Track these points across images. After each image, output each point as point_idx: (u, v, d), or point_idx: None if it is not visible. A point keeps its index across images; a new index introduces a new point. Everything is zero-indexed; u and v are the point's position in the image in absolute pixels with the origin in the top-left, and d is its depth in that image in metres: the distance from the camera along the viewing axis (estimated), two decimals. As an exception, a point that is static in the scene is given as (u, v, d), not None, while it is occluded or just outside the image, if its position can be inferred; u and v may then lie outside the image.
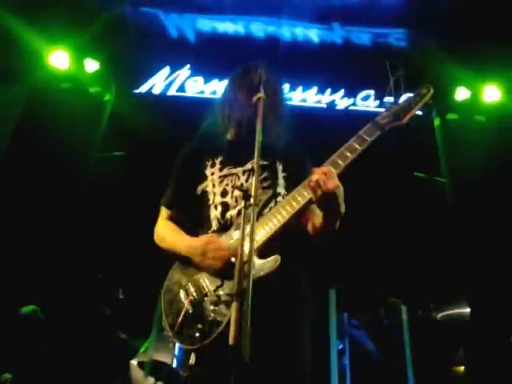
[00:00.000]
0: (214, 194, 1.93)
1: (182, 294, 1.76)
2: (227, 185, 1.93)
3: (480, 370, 4.47)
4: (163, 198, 2.11)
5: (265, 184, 1.90)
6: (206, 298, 1.69)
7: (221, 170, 1.98)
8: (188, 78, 6.02)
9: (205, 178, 1.99)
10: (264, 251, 1.66)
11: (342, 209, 1.64)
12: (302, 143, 2.13)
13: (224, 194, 1.91)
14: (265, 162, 1.94)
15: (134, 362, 4.66)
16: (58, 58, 5.53)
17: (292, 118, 2.16)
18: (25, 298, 4.31)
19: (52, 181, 5.06)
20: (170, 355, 4.24)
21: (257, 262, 1.61)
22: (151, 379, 4.05)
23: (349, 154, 1.72)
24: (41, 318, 4.22)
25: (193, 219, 2.01)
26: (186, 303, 1.71)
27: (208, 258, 1.71)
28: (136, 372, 4.56)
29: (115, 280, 5.10)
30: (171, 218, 2.06)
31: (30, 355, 3.99)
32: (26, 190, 4.94)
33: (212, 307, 1.66)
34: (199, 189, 1.98)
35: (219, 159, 2.01)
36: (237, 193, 1.87)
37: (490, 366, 4.39)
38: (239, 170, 1.94)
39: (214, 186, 1.95)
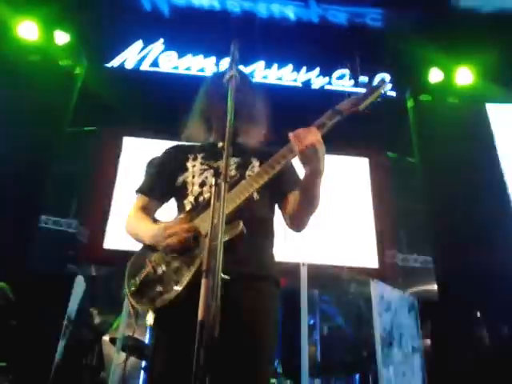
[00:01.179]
0: (193, 184, 1.95)
1: (146, 263, 1.79)
2: (206, 177, 1.95)
3: (446, 344, 4.62)
4: (140, 186, 2.10)
5: (239, 175, 1.92)
6: (168, 265, 1.73)
7: (202, 163, 2.00)
8: (161, 52, 5.92)
9: (186, 169, 2.00)
10: (230, 218, 1.67)
11: (323, 167, 1.70)
12: (276, 123, 2.14)
13: (202, 184, 1.93)
14: (240, 160, 1.98)
15: (106, 338, 4.68)
16: (27, 29, 5.35)
17: (269, 117, 2.16)
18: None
19: (22, 156, 4.94)
20: (142, 331, 4.27)
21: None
22: (123, 354, 4.07)
23: None
24: (9, 294, 4.17)
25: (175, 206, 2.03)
26: (148, 267, 1.76)
27: (169, 243, 1.73)
28: (108, 348, 4.58)
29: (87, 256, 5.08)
30: (145, 208, 2.05)
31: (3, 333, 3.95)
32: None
33: (174, 271, 1.71)
34: (180, 180, 1.99)
35: (201, 155, 2.04)
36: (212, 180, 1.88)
37: (457, 341, 4.54)
38: (220, 163, 1.94)
39: (193, 177, 1.97)
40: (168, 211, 2.06)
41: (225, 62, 5.77)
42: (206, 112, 2.10)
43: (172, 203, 2.07)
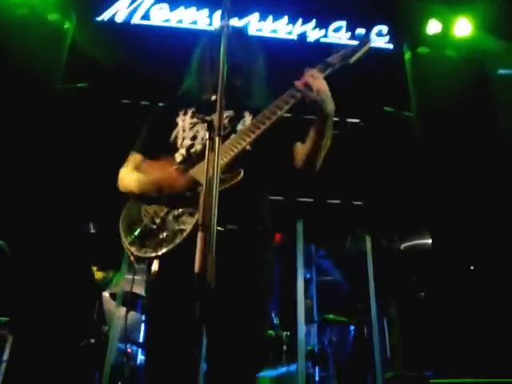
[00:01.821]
0: (184, 138, 1.94)
1: (142, 214, 1.79)
2: (197, 131, 1.93)
3: (441, 296, 4.72)
4: (134, 146, 2.09)
5: (230, 128, 1.91)
6: (167, 215, 1.73)
7: (192, 117, 1.99)
8: (153, 4, 5.72)
9: (176, 125, 1.99)
10: (228, 168, 1.69)
11: (333, 107, 1.75)
12: (271, 77, 2.11)
13: (194, 138, 1.92)
14: (232, 113, 1.96)
15: (106, 294, 4.77)
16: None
17: (266, 73, 2.14)
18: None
19: (12, 115, 4.86)
20: (141, 286, 4.33)
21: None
22: (123, 309, 4.15)
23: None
24: (7, 252, 4.20)
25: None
26: (146, 220, 1.76)
27: (165, 191, 1.74)
28: (108, 303, 4.67)
29: (85, 213, 5.08)
30: (138, 167, 2.02)
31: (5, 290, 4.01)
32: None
33: (174, 219, 1.71)
34: (172, 136, 1.98)
35: (192, 109, 2.02)
36: (205, 133, 1.87)
37: (452, 293, 4.64)
38: (211, 117, 1.91)
39: (184, 131, 1.96)
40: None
41: (218, 15, 5.60)
42: (200, 67, 2.08)
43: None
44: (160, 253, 1.67)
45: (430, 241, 5.28)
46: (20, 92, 4.94)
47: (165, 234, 1.69)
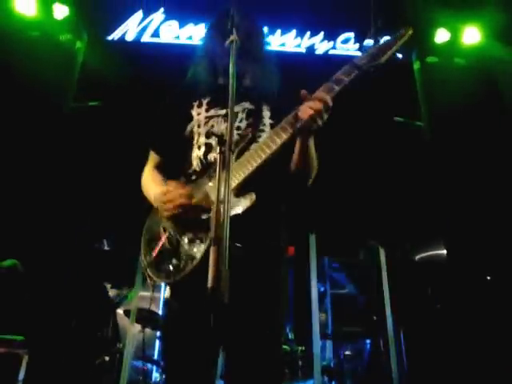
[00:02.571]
0: (199, 134, 1.90)
1: (160, 231, 1.78)
2: (213, 126, 1.89)
3: (457, 308, 4.64)
4: (150, 142, 2.08)
5: (248, 130, 1.86)
6: (182, 236, 1.71)
7: (207, 110, 1.94)
8: (162, 22, 5.80)
9: (191, 118, 1.95)
10: (241, 190, 1.66)
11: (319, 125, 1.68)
12: (286, 88, 2.08)
13: (208, 135, 1.88)
14: (251, 107, 1.91)
15: (120, 311, 4.76)
16: (25, 4, 5.25)
17: (275, 59, 2.12)
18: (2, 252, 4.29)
19: (25, 134, 4.92)
20: (156, 303, 4.33)
21: (232, 199, 1.57)
22: (137, 326, 4.14)
23: (327, 96, 1.68)
24: (21, 270, 4.22)
25: (178, 160, 1.99)
26: (163, 239, 1.74)
27: (166, 208, 1.72)
28: (123, 320, 4.66)
29: (99, 231, 5.10)
30: (158, 165, 2.05)
31: (13, 308, 4.01)
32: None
33: (188, 243, 1.68)
34: (188, 129, 1.95)
35: (206, 100, 1.97)
36: (220, 128, 1.86)
37: (468, 305, 4.56)
38: (227, 111, 1.90)
39: (199, 126, 1.92)
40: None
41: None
42: (209, 52, 2.04)
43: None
44: (172, 281, 1.67)
45: (444, 251, 5.22)
46: (32, 111, 5.02)
47: (178, 260, 1.67)
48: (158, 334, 4.68)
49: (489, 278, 4.74)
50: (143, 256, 1.79)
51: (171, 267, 1.68)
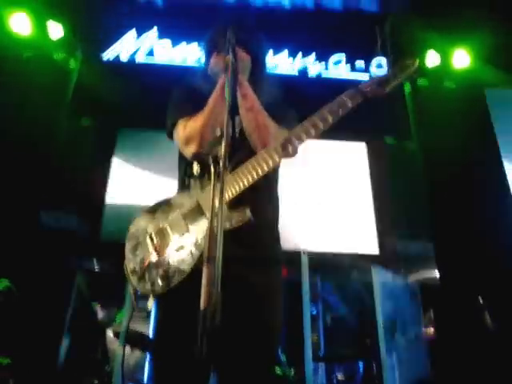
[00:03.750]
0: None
1: (147, 240, 1.75)
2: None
3: (450, 331, 4.61)
4: (175, 115, 1.96)
5: (243, 146, 1.85)
6: (170, 246, 1.69)
7: None
8: (156, 42, 5.86)
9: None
10: (234, 203, 1.65)
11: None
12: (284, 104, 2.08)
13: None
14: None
15: (109, 332, 4.69)
16: (19, 23, 5.27)
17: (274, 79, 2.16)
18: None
19: (18, 152, 4.90)
20: (145, 324, 4.27)
21: (225, 212, 1.57)
22: (127, 348, 4.08)
23: (329, 117, 1.72)
24: (15, 292, 4.16)
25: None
26: (150, 249, 1.72)
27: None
28: (112, 341, 4.59)
29: (88, 251, 5.05)
30: None
31: (7, 331, 3.95)
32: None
33: (176, 255, 1.66)
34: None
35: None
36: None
37: (461, 327, 4.54)
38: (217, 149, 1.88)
39: None
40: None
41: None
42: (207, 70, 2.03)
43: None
44: (156, 292, 1.64)
45: (437, 272, 5.21)
46: (26, 130, 5.00)
47: (165, 272, 1.65)
48: (148, 356, 4.60)
49: (481, 299, 4.73)
50: (127, 262, 1.76)
51: (157, 280, 1.65)
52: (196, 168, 1.84)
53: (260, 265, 1.76)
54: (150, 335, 4.34)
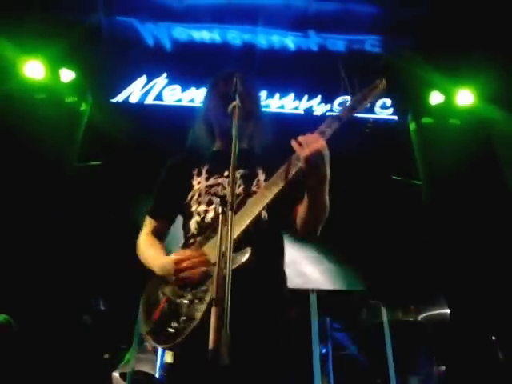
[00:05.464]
0: (199, 203, 1.93)
1: (159, 295, 1.78)
2: (213, 195, 1.92)
3: (462, 369, 4.52)
4: (148, 209, 2.12)
5: (244, 191, 1.90)
6: (181, 298, 1.70)
7: (207, 179, 1.98)
8: (165, 86, 6.00)
9: (191, 187, 1.99)
10: (239, 245, 1.65)
11: (328, 171, 1.67)
12: (280, 149, 2.14)
13: (209, 203, 1.91)
14: (246, 171, 1.95)
15: (115, 374, 4.62)
16: (33, 69, 5.46)
17: (271, 123, 2.19)
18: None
19: (29, 191, 4.98)
20: (152, 365, 4.21)
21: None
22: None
23: None
24: (14, 327, 4.13)
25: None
26: (162, 302, 1.74)
27: (181, 277, 1.71)
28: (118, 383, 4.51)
29: (95, 290, 5.05)
30: (154, 230, 2.08)
31: (4, 368, 3.90)
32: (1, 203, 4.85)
33: (187, 305, 1.67)
34: (188, 198, 1.98)
35: (205, 168, 2.02)
36: (218, 204, 1.88)
37: (473, 365, 4.45)
38: (225, 180, 1.94)
39: (200, 195, 1.95)
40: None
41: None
42: (207, 115, 2.11)
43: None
44: (172, 344, 1.63)
45: (447, 310, 5.14)
46: (36, 171, 5.10)
47: (178, 323, 1.65)
48: None
49: (494, 338, 4.65)
50: (143, 321, 1.78)
51: (171, 330, 1.65)
52: (196, 220, 1.90)
53: (264, 308, 1.75)
54: (157, 375, 4.28)
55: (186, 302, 1.68)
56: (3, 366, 3.88)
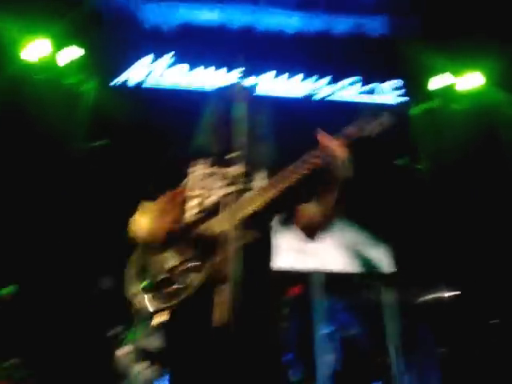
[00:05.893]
0: (195, 188, 1.95)
1: (150, 264, 1.81)
2: (210, 183, 1.95)
3: (461, 351, 4.58)
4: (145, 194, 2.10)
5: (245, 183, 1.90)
6: (175, 268, 1.75)
7: (204, 169, 2.01)
8: (167, 67, 5.97)
9: (187, 174, 2.02)
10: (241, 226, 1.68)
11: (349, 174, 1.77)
12: (282, 135, 2.15)
13: (205, 188, 1.94)
14: (246, 167, 1.93)
15: (120, 352, 4.65)
16: (34, 49, 5.40)
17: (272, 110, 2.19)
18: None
19: (34, 171, 4.99)
20: (156, 341, 4.25)
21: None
22: (137, 366, 4.06)
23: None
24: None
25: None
26: (154, 270, 1.78)
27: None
28: (123, 361, 4.54)
29: (98, 269, 5.07)
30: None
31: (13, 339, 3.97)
32: (6, 185, 4.87)
33: (181, 273, 1.72)
34: (182, 184, 2.00)
35: (206, 161, 2.05)
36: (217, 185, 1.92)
37: (472, 348, 4.51)
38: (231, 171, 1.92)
39: (195, 181, 1.98)
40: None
41: (229, 76, 5.83)
42: (211, 125, 2.10)
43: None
44: (167, 306, 1.69)
45: (449, 293, 5.18)
46: (38, 151, 5.10)
47: (172, 287, 1.71)
48: (159, 371, 4.54)
49: (493, 321, 4.69)
50: (130, 287, 1.81)
51: (167, 293, 1.70)
52: (194, 204, 1.91)
53: (262, 286, 1.79)
54: (160, 350, 4.33)
55: (180, 270, 1.73)
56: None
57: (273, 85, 5.93)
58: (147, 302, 1.74)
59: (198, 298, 1.64)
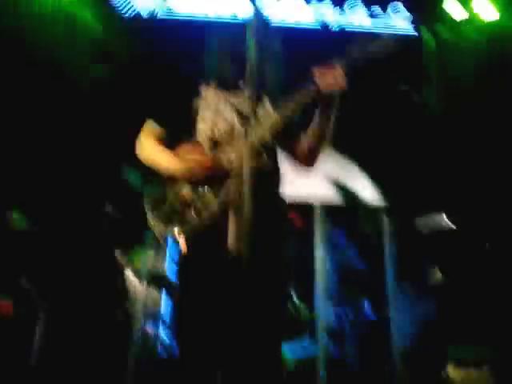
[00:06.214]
0: (206, 112, 1.98)
1: (170, 194, 1.87)
2: (222, 108, 1.97)
3: (458, 277, 4.72)
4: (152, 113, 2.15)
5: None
6: (193, 194, 1.82)
7: (214, 92, 2.03)
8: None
9: (198, 94, 2.04)
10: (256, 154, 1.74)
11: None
12: (292, 64, 2.15)
13: (217, 114, 1.96)
14: (251, 93, 1.98)
15: (128, 272, 4.78)
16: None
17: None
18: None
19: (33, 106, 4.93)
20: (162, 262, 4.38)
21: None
22: (145, 285, 4.23)
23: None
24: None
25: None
26: (172, 197, 1.85)
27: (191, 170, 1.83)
28: (133, 281, 4.68)
29: (102, 193, 5.14)
30: (159, 137, 2.09)
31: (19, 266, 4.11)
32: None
33: (199, 198, 1.79)
34: (194, 106, 2.02)
35: (214, 82, 2.06)
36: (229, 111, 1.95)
37: (468, 274, 4.64)
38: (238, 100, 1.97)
39: (206, 107, 2.00)
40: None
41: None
42: (223, 53, 2.08)
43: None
44: (186, 229, 1.76)
45: (448, 221, 5.25)
46: (41, 84, 5.01)
47: (190, 212, 1.77)
48: (164, 293, 4.69)
49: (487, 245, 4.78)
50: (149, 213, 1.87)
51: (183, 217, 1.78)
52: (206, 133, 1.94)
53: (271, 211, 1.84)
54: (169, 275, 4.49)
55: (198, 196, 1.79)
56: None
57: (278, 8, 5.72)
58: (162, 228, 1.82)
59: (211, 225, 1.71)
